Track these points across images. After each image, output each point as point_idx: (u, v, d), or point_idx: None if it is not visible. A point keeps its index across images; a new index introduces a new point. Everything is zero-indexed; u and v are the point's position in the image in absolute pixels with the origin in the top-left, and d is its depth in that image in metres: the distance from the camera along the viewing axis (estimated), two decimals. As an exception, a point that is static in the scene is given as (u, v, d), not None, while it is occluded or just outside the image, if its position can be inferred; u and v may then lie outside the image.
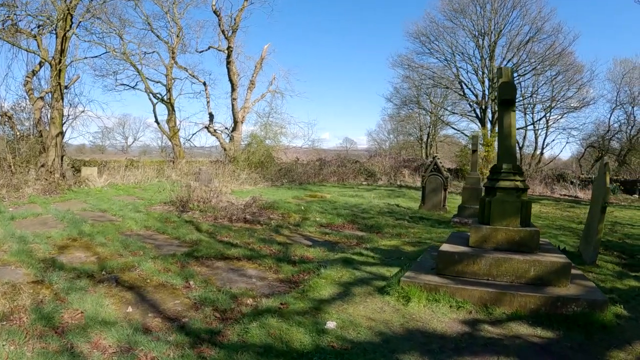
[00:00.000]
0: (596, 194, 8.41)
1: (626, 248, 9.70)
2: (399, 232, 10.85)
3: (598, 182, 8.43)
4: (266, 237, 9.58)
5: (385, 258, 7.74)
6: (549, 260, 5.71)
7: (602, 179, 8.13)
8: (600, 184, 8.24)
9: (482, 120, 37.67)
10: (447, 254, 5.98)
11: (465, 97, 39.47)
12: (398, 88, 44.64)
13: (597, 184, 8.50)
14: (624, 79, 37.84)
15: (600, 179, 8.34)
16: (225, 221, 11.35)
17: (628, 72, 37.57)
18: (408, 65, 40.42)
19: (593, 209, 8.48)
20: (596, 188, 8.50)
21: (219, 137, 30.06)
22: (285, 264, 7.21)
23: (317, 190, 21.62)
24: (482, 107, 37.72)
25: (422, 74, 39.72)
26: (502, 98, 6.31)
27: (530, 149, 43.59)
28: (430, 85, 40.32)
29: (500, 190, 6.29)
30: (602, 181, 8.15)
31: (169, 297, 5.56)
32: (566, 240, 10.26)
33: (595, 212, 8.19)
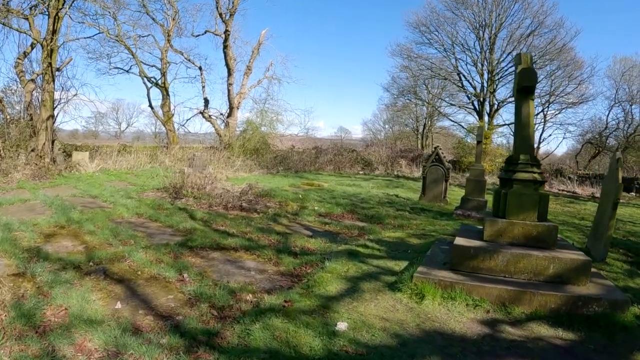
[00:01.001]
0: (607, 190, 8.05)
1: (631, 246, 9.39)
2: (401, 224, 10.49)
3: (609, 177, 8.07)
4: (264, 226, 9.17)
5: (391, 251, 7.35)
6: (569, 258, 5.37)
7: (614, 174, 7.80)
8: (611, 180, 7.89)
9: (480, 113, 37.28)
10: (462, 248, 5.59)
11: (463, 89, 39.06)
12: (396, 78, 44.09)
13: (608, 179, 8.15)
14: (623, 77, 37.46)
15: (611, 175, 7.99)
16: (221, 209, 10.93)
17: (627, 70, 37.22)
18: (407, 55, 39.86)
19: (603, 205, 8.13)
20: (607, 184, 8.15)
21: (214, 123, 29.51)
22: (285, 256, 6.81)
23: (313, 178, 21.20)
24: (480, 100, 37.32)
25: (421, 64, 39.19)
26: (523, 85, 5.89)
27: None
28: (428, 75, 39.78)
29: (517, 182, 5.90)
30: (613, 177, 7.82)
31: (162, 291, 5.15)
32: (571, 236, 9.93)
33: (606, 208, 7.85)
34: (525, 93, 6.03)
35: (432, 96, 43.12)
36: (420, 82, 41.28)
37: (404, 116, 51.28)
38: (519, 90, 6.01)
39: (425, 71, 39.36)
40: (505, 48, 36.10)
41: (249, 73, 29.83)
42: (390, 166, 30.42)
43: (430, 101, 43.49)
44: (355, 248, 7.27)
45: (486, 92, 36.66)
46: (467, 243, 5.71)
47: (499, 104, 37.89)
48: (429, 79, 40.53)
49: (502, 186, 6.15)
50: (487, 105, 37.29)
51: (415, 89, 42.26)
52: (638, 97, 36.38)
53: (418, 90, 42.63)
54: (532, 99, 6.09)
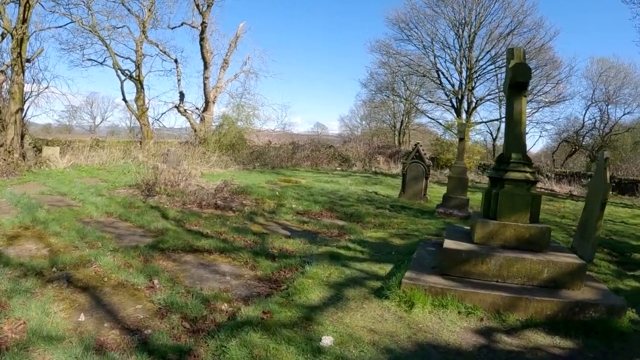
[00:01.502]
0: (594, 190, 7.85)
1: (615, 245, 9.30)
2: (382, 222, 10.19)
3: (597, 177, 7.88)
4: (240, 225, 8.74)
5: (375, 252, 7.00)
6: (564, 262, 5.12)
7: (602, 174, 7.61)
8: (599, 180, 7.71)
9: (458, 110, 37.32)
10: (452, 252, 5.26)
11: (441, 86, 39.04)
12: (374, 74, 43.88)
13: (595, 179, 7.95)
14: (601, 78, 38.16)
15: (599, 175, 7.79)
16: (195, 207, 10.45)
17: (605, 71, 37.93)
18: (386, 51, 39.59)
19: (591, 205, 7.93)
20: (595, 183, 7.95)
21: (190, 117, 28.70)
22: (263, 259, 6.40)
23: (290, 174, 20.76)
24: (458, 97, 37.36)
25: (400, 61, 38.94)
26: (516, 81, 5.57)
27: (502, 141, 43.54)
28: (406, 72, 39.59)
29: (509, 182, 5.61)
30: (602, 177, 7.63)
31: (130, 300, 4.70)
32: (555, 235, 9.63)
33: (594, 208, 7.67)
34: (518, 89, 5.72)
35: (410, 93, 43.00)
36: (398, 78, 41.10)
37: (381, 112, 51.16)
38: (511, 86, 5.70)
39: (404, 68, 39.17)
40: (484, 46, 36.24)
41: (226, 67, 29.16)
42: (368, 162, 30.22)
43: (408, 98, 43.36)
44: (336, 250, 6.89)
45: (464, 90, 36.72)
46: (457, 246, 5.38)
47: (477, 102, 38.04)
48: (407, 75, 40.38)
49: (493, 186, 5.86)
50: (465, 103, 37.37)
51: (393, 86, 42.06)
52: (614, 98, 37.13)
53: (396, 86, 42.45)
54: (524, 96, 5.80)
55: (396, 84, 42.21)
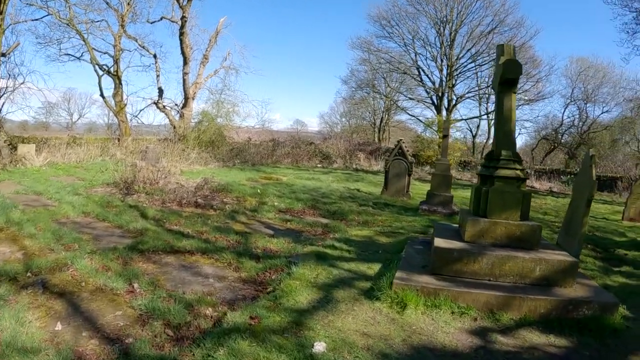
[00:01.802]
0: (580, 187, 7.81)
1: (598, 241, 9.35)
2: (366, 220, 10.06)
3: (582, 174, 7.85)
4: (221, 224, 8.49)
5: (361, 251, 6.83)
6: (555, 259, 5.05)
7: (588, 171, 7.58)
8: (585, 177, 7.67)
9: (438, 108, 37.57)
10: (443, 251, 5.13)
11: (422, 83, 39.27)
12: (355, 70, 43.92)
13: (581, 176, 7.92)
14: (580, 77, 38.83)
15: (585, 172, 7.77)
16: (175, 205, 10.16)
17: (584, 70, 38.58)
18: (367, 48, 39.64)
19: (576, 202, 7.90)
20: (580, 181, 7.92)
21: (169, 113, 28.18)
22: (246, 259, 6.18)
23: (271, 172, 20.52)
24: (438, 95, 37.59)
25: (381, 58, 39.06)
26: (507, 77, 5.46)
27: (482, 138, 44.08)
28: (387, 69, 39.69)
29: (500, 179, 5.50)
30: (587, 174, 7.60)
31: (109, 306, 4.43)
32: (539, 232, 9.74)
33: (580, 205, 7.63)
34: (509, 86, 5.62)
35: (390, 90, 43.07)
36: (379, 75, 41.17)
37: (361, 109, 51.16)
38: (501, 82, 5.59)
39: (385, 65, 39.24)
40: (464, 45, 36.50)
41: (206, 62, 28.71)
42: (349, 159, 30.10)
43: (388, 95, 43.44)
44: (322, 250, 6.69)
45: (445, 87, 36.94)
46: (448, 245, 5.25)
47: (457, 99, 38.35)
48: (388, 72, 40.45)
49: (483, 183, 5.75)
50: (446, 100, 37.65)
51: (373, 82, 42.11)
52: (593, 96, 37.79)
53: (376, 83, 42.55)
54: (514, 92, 5.71)
55: (377, 81, 42.35)
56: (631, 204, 13.21)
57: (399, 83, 42.59)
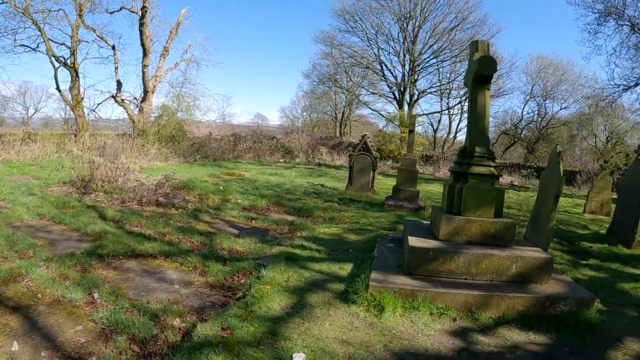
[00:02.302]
0: (547, 182, 7.88)
1: (563, 234, 9.51)
2: (332, 217, 9.88)
3: (550, 170, 7.91)
4: (184, 224, 8.13)
5: (331, 251, 6.64)
6: (531, 256, 5.04)
7: (555, 167, 7.66)
8: (552, 172, 7.74)
9: (400, 102, 37.88)
10: (419, 250, 5.00)
11: (384, 78, 39.53)
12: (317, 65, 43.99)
13: (549, 171, 7.99)
14: (539, 74, 39.93)
15: (552, 167, 7.84)
16: (135, 205, 9.70)
17: (543, 68, 39.69)
18: (330, 42, 39.62)
19: (543, 197, 7.96)
20: (547, 176, 7.98)
21: (127, 107, 27.10)
22: (213, 262, 5.88)
23: (233, 167, 20.07)
24: (400, 89, 37.85)
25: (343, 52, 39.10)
26: (481, 74, 5.36)
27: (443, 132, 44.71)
28: (349, 64, 39.77)
29: (474, 176, 5.42)
30: (555, 169, 7.67)
31: (68, 320, 4.05)
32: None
33: (547, 200, 7.69)
34: (483, 82, 5.53)
35: (352, 84, 43.14)
36: (341, 69, 41.18)
37: (322, 104, 51.02)
38: (475, 79, 5.49)
39: (347, 59, 39.28)
40: (427, 41, 36.96)
41: (166, 55, 27.75)
42: (311, 154, 29.94)
43: (350, 89, 43.50)
44: (291, 250, 6.45)
45: (407, 82, 37.20)
46: (423, 244, 5.13)
47: (419, 94, 38.73)
48: (351, 67, 40.50)
49: (456, 180, 5.65)
50: (408, 95, 37.92)
51: (335, 77, 42.06)
52: (552, 93, 39.07)
53: (339, 77, 42.56)
54: (488, 89, 5.61)
55: (339, 75, 42.36)
56: (592, 197, 13.53)
57: (361, 77, 42.73)
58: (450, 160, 28.56)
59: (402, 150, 30.42)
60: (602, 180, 13.58)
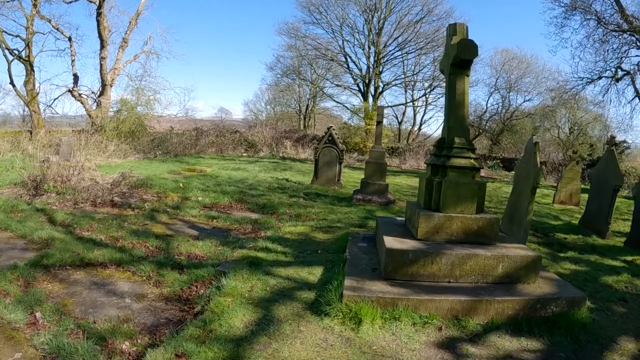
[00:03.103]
0: (524, 174, 7.62)
1: (537, 226, 9.34)
2: (298, 213, 9.38)
3: (527, 161, 7.65)
4: (140, 227, 7.47)
5: (299, 252, 6.11)
6: (519, 255, 4.67)
7: (532, 158, 7.44)
8: (529, 164, 7.50)
9: (365, 95, 37.66)
10: (397, 253, 4.52)
11: (349, 70, 39.20)
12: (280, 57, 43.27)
13: (525, 163, 7.72)
14: (504, 67, 40.20)
15: (529, 159, 7.60)
16: (88, 206, 8.93)
17: (508, 61, 40.02)
18: (294, 34, 39.13)
19: (520, 189, 7.70)
20: (523, 168, 7.71)
21: (85, 102, 25.70)
22: (168, 270, 5.28)
23: (195, 163, 19.27)
24: (365, 82, 37.59)
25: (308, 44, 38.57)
26: (461, 58, 4.92)
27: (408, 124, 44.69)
28: (314, 56, 39.23)
29: (454, 169, 4.99)
30: (531, 161, 7.43)
31: (7, 346, 3.41)
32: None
33: (524, 191, 7.45)
34: (462, 68, 5.12)
35: (316, 76, 42.61)
36: (305, 62, 40.58)
37: (286, 97, 50.27)
38: (454, 64, 5.06)
39: (312, 51, 38.78)
40: (392, 33, 36.73)
41: (125, 46, 26.44)
42: (275, 147, 29.36)
43: (314, 82, 42.95)
44: (254, 253, 5.85)
45: (372, 74, 36.95)
46: (402, 245, 4.66)
47: (384, 87, 38.55)
48: (315, 59, 39.96)
49: (434, 174, 5.21)
50: (372, 88, 37.66)
51: (299, 69, 41.45)
52: (516, 86, 39.51)
53: (302, 70, 41.97)
54: (467, 75, 5.19)
55: (302, 68, 41.76)
56: (562, 187, 13.49)
57: (326, 70, 42.21)
58: (416, 152, 28.45)
59: (367, 143, 30.20)
60: (571, 170, 13.56)
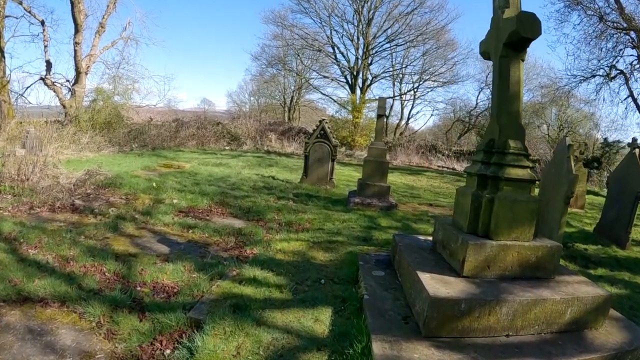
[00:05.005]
0: (554, 181, 6.47)
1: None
2: (289, 220, 8.13)
3: (557, 166, 6.52)
4: (98, 242, 6.07)
5: (297, 283, 4.80)
6: (589, 295, 3.55)
7: (566, 163, 6.31)
8: (561, 169, 6.39)
9: (353, 87, 36.50)
10: (446, 303, 3.25)
11: (336, 61, 37.92)
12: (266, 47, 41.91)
13: (555, 168, 6.58)
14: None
15: (560, 163, 6.46)
16: (45, 211, 7.51)
17: None
18: (281, 23, 37.68)
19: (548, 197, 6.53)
20: (553, 173, 6.55)
21: (58, 91, 23.72)
22: (125, 314, 3.95)
23: (173, 157, 17.74)
24: (353, 73, 36.39)
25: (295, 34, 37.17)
26: (522, 36, 3.65)
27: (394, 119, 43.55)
28: (300, 46, 37.84)
29: (509, 182, 3.77)
30: (564, 166, 6.32)
31: None
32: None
33: (553, 201, 6.33)
34: (518, 50, 3.87)
35: (303, 67, 41.30)
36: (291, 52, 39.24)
37: (271, 88, 48.85)
38: (508, 43, 3.78)
39: (299, 41, 37.39)
40: (382, 24, 35.59)
41: (102, 32, 24.47)
42: (260, 141, 27.97)
43: (300, 73, 41.59)
44: (239, 289, 4.48)
45: (360, 66, 35.80)
46: (448, 289, 3.39)
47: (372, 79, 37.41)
48: (301, 49, 38.60)
49: (480, 186, 3.96)
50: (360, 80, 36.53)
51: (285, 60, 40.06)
52: None
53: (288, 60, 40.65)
54: (522, 59, 3.94)
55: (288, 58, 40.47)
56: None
57: (313, 61, 40.93)
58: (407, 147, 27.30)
59: (355, 137, 29.02)
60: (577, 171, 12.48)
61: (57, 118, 23.41)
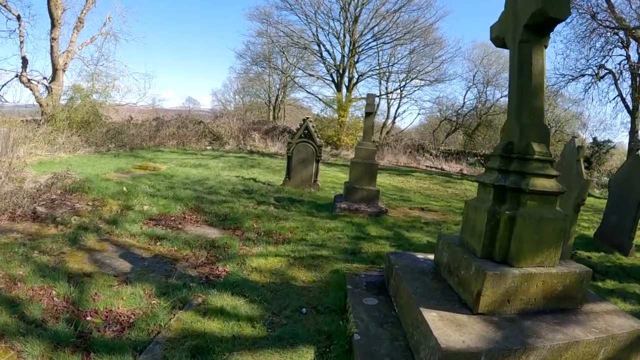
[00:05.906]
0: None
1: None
2: (269, 229, 7.39)
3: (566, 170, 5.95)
4: (53, 258, 5.27)
5: (273, 314, 4.10)
6: (624, 332, 2.94)
7: (576, 167, 5.74)
8: (570, 174, 5.86)
9: (339, 85, 35.81)
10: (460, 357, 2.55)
11: (322, 59, 37.21)
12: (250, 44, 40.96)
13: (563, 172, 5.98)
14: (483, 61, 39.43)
15: (569, 167, 5.88)
16: (5, 220, 6.67)
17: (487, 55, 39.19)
18: (266, 20, 36.72)
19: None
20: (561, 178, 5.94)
21: (34, 89, 22.62)
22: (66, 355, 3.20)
23: (151, 158, 16.77)
24: (339, 72, 35.72)
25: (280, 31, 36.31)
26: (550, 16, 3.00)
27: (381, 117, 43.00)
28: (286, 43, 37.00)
29: (534, 196, 3.12)
30: (574, 170, 5.75)
31: None
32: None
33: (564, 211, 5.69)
34: (541, 34, 3.24)
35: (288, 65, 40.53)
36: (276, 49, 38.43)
37: (255, 86, 48.29)
38: (530, 25, 3.12)
39: (284, 38, 36.54)
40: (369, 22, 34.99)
41: (81, 27, 23.34)
42: (243, 140, 27.09)
43: (285, 71, 40.85)
44: (203, 324, 3.77)
45: (346, 64, 35.18)
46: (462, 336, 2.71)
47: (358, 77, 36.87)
48: (287, 47, 37.78)
49: (497, 200, 3.27)
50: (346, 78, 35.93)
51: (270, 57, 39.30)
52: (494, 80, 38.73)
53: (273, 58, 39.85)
54: (545, 45, 3.28)
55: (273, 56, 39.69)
56: (563, 192, 11.97)
57: (298, 58, 40.15)
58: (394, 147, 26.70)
59: (341, 136, 28.36)
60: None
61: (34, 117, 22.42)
